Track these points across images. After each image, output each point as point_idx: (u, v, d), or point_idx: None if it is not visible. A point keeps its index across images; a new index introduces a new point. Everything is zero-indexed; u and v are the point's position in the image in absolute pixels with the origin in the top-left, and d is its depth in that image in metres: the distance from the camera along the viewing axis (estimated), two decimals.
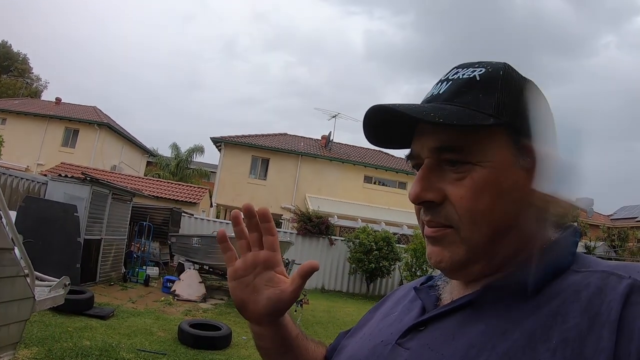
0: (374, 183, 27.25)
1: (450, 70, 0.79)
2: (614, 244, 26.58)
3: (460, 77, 0.75)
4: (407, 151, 0.81)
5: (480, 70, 0.75)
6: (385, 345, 0.78)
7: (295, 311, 8.66)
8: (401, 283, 15.69)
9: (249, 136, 26.61)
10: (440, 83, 0.78)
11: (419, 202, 0.74)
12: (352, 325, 1.01)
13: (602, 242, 25.98)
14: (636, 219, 35.65)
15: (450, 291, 0.81)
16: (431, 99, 0.77)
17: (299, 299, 8.69)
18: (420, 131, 0.76)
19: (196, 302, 9.70)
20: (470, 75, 0.74)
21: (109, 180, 11.92)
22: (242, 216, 0.88)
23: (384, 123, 0.78)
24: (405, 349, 0.74)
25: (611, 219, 38.07)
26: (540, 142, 0.70)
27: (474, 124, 0.68)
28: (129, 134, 28.92)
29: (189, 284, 10.05)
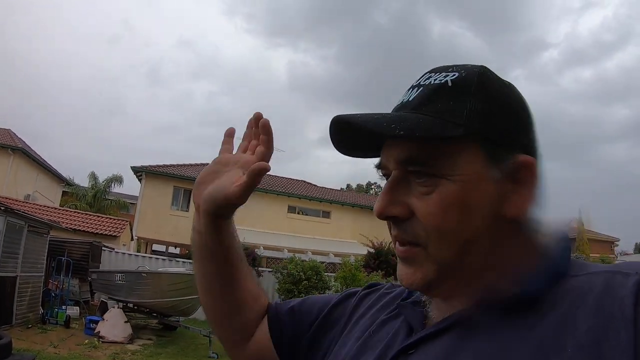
0: (298, 213, 27.24)
1: (423, 75, 0.74)
2: None
3: (432, 82, 0.70)
4: (376, 160, 0.77)
5: (454, 75, 0.69)
6: None
7: None
8: None
9: (171, 166, 25.89)
10: (411, 89, 0.73)
11: (384, 217, 0.70)
12: None
13: None
14: None
15: (439, 307, 0.73)
16: (400, 107, 0.72)
17: None
18: (389, 141, 0.72)
19: (123, 343, 9.10)
20: (442, 81, 0.69)
21: (24, 211, 10.91)
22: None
23: (350, 133, 0.73)
24: None
25: None
26: (517, 152, 0.67)
27: (440, 135, 0.64)
28: (44, 160, 27.28)
29: (113, 324, 9.43)
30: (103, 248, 14.79)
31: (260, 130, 0.87)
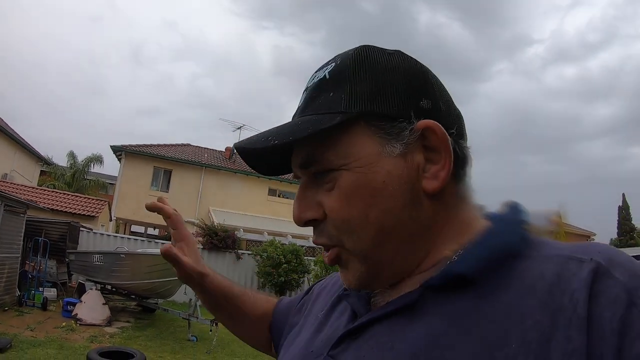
0: (278, 196, 27.23)
1: (311, 76, 0.72)
2: None
3: (313, 81, 0.69)
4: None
5: (331, 67, 0.68)
6: (316, 357, 0.70)
7: (210, 331, 8.34)
8: None
9: (151, 146, 25.57)
10: (302, 94, 0.72)
11: (302, 223, 0.68)
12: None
13: None
14: None
15: (382, 291, 0.70)
16: (294, 115, 0.71)
17: (214, 318, 8.34)
18: (294, 151, 0.71)
19: (101, 326, 8.98)
20: (321, 77, 0.68)
21: (0, 190, 10.61)
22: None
23: (254, 157, 0.74)
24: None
25: None
26: (416, 120, 0.63)
27: (315, 130, 0.62)
28: (22, 139, 26.75)
29: (91, 307, 9.29)
30: (81, 229, 14.64)
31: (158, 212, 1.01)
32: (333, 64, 0.68)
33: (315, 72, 0.71)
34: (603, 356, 0.47)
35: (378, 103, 0.63)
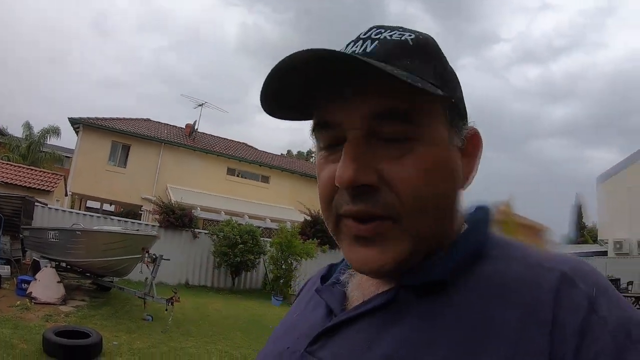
0: (237, 175, 27.18)
1: (370, 30, 0.66)
2: None
3: (388, 37, 0.63)
4: (310, 122, 0.68)
5: (410, 35, 0.64)
6: (293, 353, 0.67)
7: (166, 310, 8.43)
8: (266, 276, 15.85)
9: (110, 119, 24.87)
10: (361, 41, 0.64)
11: (351, 188, 0.60)
12: (222, 321, 0.94)
13: None
14: None
15: (359, 286, 0.70)
16: (353, 53, 0.63)
17: (170, 297, 8.46)
18: (342, 94, 0.61)
19: (56, 305, 8.88)
20: (401, 38, 0.63)
21: None
22: None
23: (298, 79, 0.61)
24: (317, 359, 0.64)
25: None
26: (466, 123, 0.69)
27: (425, 88, 0.57)
28: None
29: (46, 285, 9.17)
30: (36, 204, 14.33)
31: None
32: (412, 35, 0.64)
33: (376, 27, 0.66)
34: (564, 357, 0.50)
35: (453, 93, 0.65)
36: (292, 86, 0.62)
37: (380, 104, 0.59)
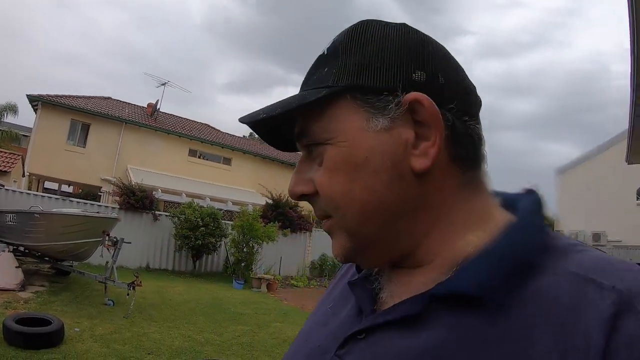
0: (199, 157, 26.94)
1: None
2: None
3: (316, 57, 0.69)
4: None
5: (330, 43, 0.67)
6: (323, 355, 0.67)
7: (128, 295, 8.35)
8: (227, 259, 15.86)
9: (70, 97, 24.00)
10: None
11: (295, 197, 0.68)
12: (184, 305, 0.94)
13: None
14: None
15: (390, 288, 0.68)
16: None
17: (132, 281, 8.41)
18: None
19: (14, 291, 8.67)
20: (320, 54, 0.68)
21: None
22: None
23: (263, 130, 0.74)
24: None
25: None
26: (392, 91, 0.60)
27: (297, 104, 0.62)
28: None
29: (4, 270, 8.89)
30: None
31: None
32: (332, 41, 0.67)
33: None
34: None
35: (364, 76, 0.61)
36: (274, 137, 0.75)
37: (295, 128, 0.68)
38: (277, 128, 0.70)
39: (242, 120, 0.68)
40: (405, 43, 0.62)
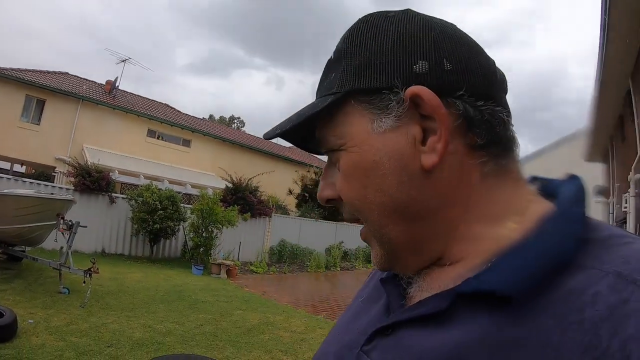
0: (158, 138, 26.24)
1: None
2: None
3: (326, 62, 0.68)
4: None
5: (336, 47, 0.66)
6: (351, 350, 0.66)
7: (84, 282, 8.08)
8: (185, 244, 15.59)
9: (25, 71, 22.76)
10: None
11: (324, 202, 0.68)
12: (143, 293, 0.94)
13: None
14: None
15: (419, 283, 0.65)
16: None
17: (88, 268, 8.10)
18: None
19: None
20: (330, 57, 0.67)
21: None
22: None
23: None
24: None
25: None
26: (390, 88, 0.58)
27: (304, 117, 0.63)
28: None
29: None
30: None
31: None
32: (337, 45, 0.66)
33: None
34: None
35: (364, 77, 0.59)
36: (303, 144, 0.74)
37: (315, 138, 0.68)
38: (309, 134, 0.68)
39: (265, 136, 0.69)
40: (405, 33, 0.59)
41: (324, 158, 0.71)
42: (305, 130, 0.66)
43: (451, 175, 0.58)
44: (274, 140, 33.42)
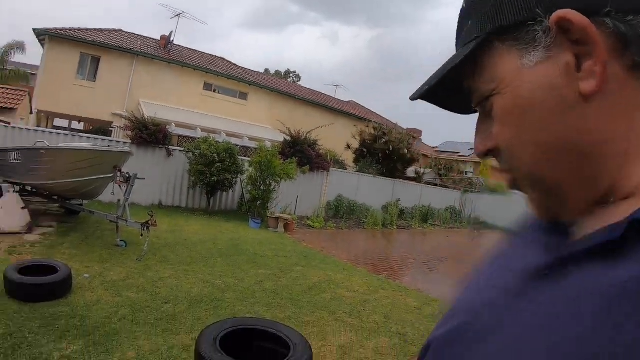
0: (214, 91, 26.05)
1: None
2: (440, 172, 29.87)
3: (459, 11, 0.66)
4: None
5: None
6: (508, 291, 0.60)
7: (141, 235, 7.91)
8: (242, 197, 15.41)
9: (79, 30, 22.74)
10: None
11: (482, 156, 0.65)
12: (200, 246, 1.13)
13: (430, 170, 29.08)
14: (458, 154, 40.83)
15: (583, 224, 0.57)
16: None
17: (146, 221, 7.88)
18: None
19: (21, 233, 8.10)
20: (462, 6, 0.65)
21: None
22: None
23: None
24: (529, 302, 0.55)
25: (435, 151, 42.43)
26: (533, 18, 0.54)
27: (451, 66, 0.61)
28: None
29: (9, 212, 8.28)
30: None
31: None
32: None
33: None
34: None
35: (504, 14, 0.56)
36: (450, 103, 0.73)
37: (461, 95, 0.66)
38: (457, 91, 0.66)
39: (412, 97, 0.68)
40: None
41: (384, 114, 0.42)
42: (452, 85, 0.64)
43: (614, 102, 0.52)
44: (332, 94, 32.90)
